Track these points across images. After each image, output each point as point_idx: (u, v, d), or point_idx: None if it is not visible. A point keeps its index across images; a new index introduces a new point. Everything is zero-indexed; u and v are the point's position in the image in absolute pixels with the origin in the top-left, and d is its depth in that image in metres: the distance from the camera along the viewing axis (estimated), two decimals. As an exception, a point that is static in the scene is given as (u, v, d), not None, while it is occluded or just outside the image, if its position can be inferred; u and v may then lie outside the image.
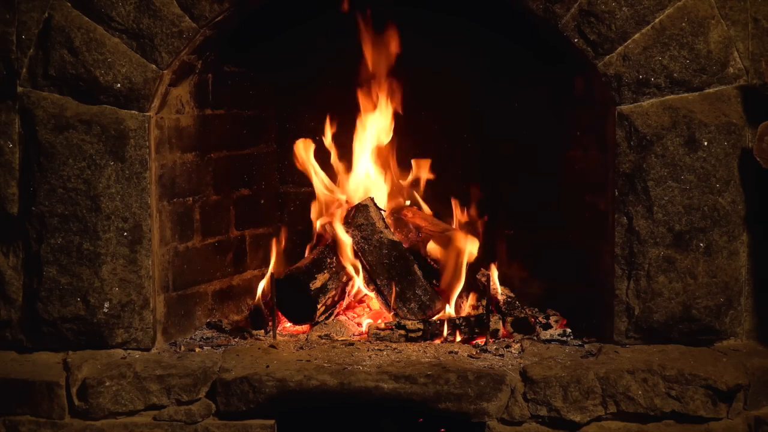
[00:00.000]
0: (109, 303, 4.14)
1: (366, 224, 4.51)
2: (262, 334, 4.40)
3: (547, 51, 4.35)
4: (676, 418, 3.89)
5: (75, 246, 4.12)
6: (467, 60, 4.74)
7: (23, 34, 4.14)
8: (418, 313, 4.43)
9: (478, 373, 3.92)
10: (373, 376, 3.91)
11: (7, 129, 4.17)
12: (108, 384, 3.95)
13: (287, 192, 4.97)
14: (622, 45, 4.07)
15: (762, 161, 4.03)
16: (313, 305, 4.43)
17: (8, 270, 4.20)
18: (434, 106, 4.86)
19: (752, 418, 3.91)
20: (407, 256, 4.49)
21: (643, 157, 4.08)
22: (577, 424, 3.90)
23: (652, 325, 4.11)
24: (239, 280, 4.74)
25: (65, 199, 4.12)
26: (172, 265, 4.33)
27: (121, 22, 4.10)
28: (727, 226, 4.10)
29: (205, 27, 4.13)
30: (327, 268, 4.49)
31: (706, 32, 4.06)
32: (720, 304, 4.11)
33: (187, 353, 4.18)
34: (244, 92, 4.73)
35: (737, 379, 3.90)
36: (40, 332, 4.16)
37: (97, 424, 3.95)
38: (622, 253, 4.11)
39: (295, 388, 3.91)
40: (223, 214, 4.65)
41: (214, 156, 4.58)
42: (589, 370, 3.93)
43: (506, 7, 4.19)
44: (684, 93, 4.09)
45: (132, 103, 4.13)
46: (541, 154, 4.58)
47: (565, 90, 4.44)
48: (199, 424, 3.95)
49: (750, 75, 4.11)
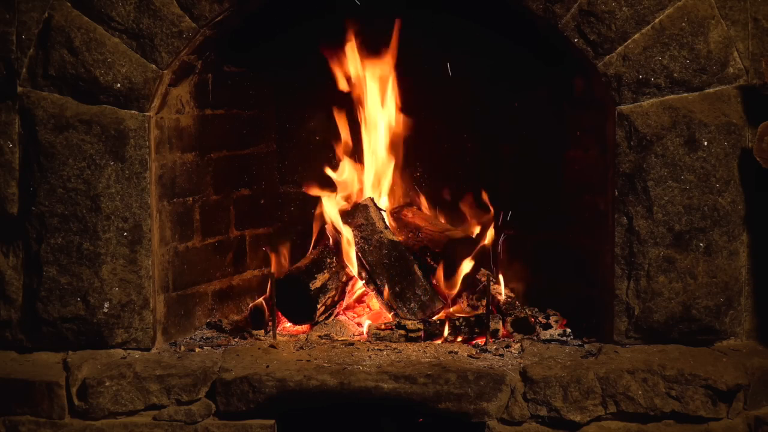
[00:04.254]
0: (109, 303, 4.14)
1: (366, 224, 4.51)
2: (262, 334, 4.40)
3: (547, 51, 4.35)
4: (676, 418, 3.89)
5: (75, 246, 4.13)
6: (467, 60, 4.73)
7: (23, 34, 4.14)
8: (418, 313, 4.43)
9: (478, 373, 3.92)
10: (373, 376, 3.91)
11: (7, 129, 4.17)
12: (108, 384, 3.95)
13: (287, 192, 4.97)
14: (622, 45, 4.07)
15: (762, 161, 4.03)
16: (313, 305, 4.43)
17: (8, 270, 4.20)
18: (434, 107, 4.85)
19: (752, 418, 3.91)
20: (407, 256, 4.49)
21: (643, 157, 4.08)
22: (577, 424, 3.90)
23: (652, 325, 4.11)
24: (239, 280, 4.74)
25: (65, 199, 4.12)
26: (172, 265, 4.33)
27: (121, 22, 4.10)
28: (727, 226, 4.10)
29: (205, 27, 4.13)
30: (327, 268, 4.49)
31: (706, 32, 4.06)
32: (720, 304, 4.11)
33: (187, 353, 4.18)
34: (244, 92, 4.73)
35: (737, 379, 3.90)
36: (40, 332, 4.16)
37: (97, 424, 3.95)
38: (622, 253, 4.11)
39: (295, 388, 3.91)
40: (223, 214, 4.65)
41: (214, 156, 4.58)
42: (589, 370, 3.93)
43: (506, 8, 4.19)
44: (684, 93, 4.09)
45: (132, 103, 4.13)
46: (541, 154, 4.58)
47: (565, 90, 4.44)
48: (199, 424, 3.95)
49: (750, 75, 4.11)
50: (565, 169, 4.49)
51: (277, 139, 4.94)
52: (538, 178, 4.60)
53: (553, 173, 4.53)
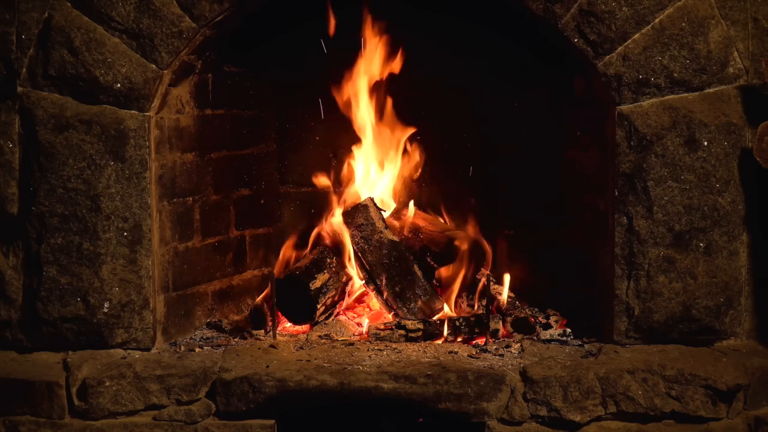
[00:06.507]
0: (109, 303, 4.14)
1: (366, 224, 4.51)
2: (262, 334, 4.40)
3: (547, 51, 4.35)
4: (676, 418, 3.89)
5: (75, 246, 4.13)
6: (467, 60, 4.73)
7: (23, 34, 4.14)
8: (418, 313, 4.43)
9: (478, 373, 3.92)
10: (373, 376, 3.91)
11: (7, 129, 4.17)
12: (108, 384, 3.95)
13: (287, 192, 4.97)
14: (622, 45, 4.07)
15: (762, 161, 4.03)
16: (313, 305, 4.43)
17: (8, 270, 4.20)
18: (434, 107, 4.85)
19: (752, 418, 3.91)
20: (407, 256, 4.49)
21: (643, 157, 4.08)
22: (577, 424, 3.90)
23: (652, 325, 4.11)
24: (239, 280, 4.74)
25: (65, 199, 4.12)
26: (172, 265, 4.34)
27: (121, 22, 4.10)
28: (727, 226, 4.10)
29: (205, 27, 4.13)
30: (327, 268, 4.49)
31: (706, 32, 4.06)
32: (720, 304, 4.11)
33: (187, 353, 4.18)
34: (244, 92, 4.73)
35: (737, 379, 3.90)
36: (40, 332, 4.16)
37: (97, 424, 3.95)
38: (622, 253, 4.11)
39: (295, 388, 3.91)
40: (223, 214, 4.65)
41: (214, 156, 4.58)
42: (589, 370, 3.93)
43: (506, 8, 4.19)
44: (684, 93, 4.09)
45: (132, 103, 4.13)
46: (541, 154, 4.58)
47: (565, 90, 4.44)
48: (199, 424, 3.95)
49: (750, 75, 4.11)
50: (565, 169, 4.49)
51: (277, 139, 4.94)
52: (538, 178, 4.60)
53: (553, 173, 4.53)
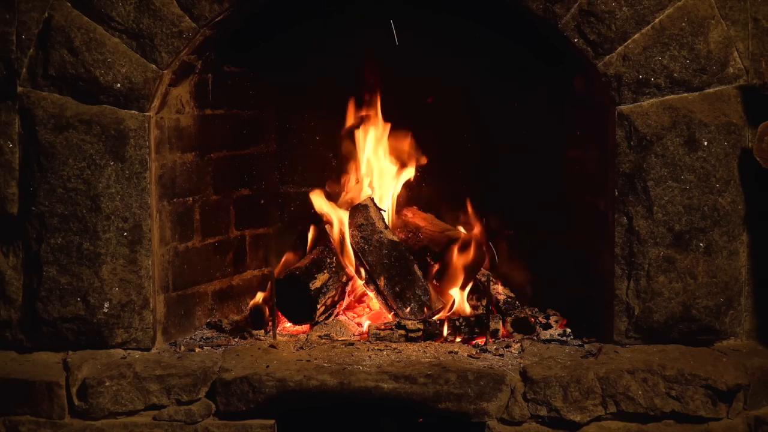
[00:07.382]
0: (109, 303, 4.14)
1: (366, 224, 4.52)
2: (262, 334, 4.40)
3: (547, 51, 4.35)
4: (676, 418, 3.89)
5: (75, 246, 4.13)
6: (467, 60, 4.73)
7: (23, 34, 4.14)
8: (418, 313, 4.43)
9: (478, 373, 3.92)
10: (373, 376, 3.91)
11: (7, 129, 4.17)
12: (108, 384, 3.95)
13: (287, 192, 4.97)
14: (622, 45, 4.07)
15: (762, 161, 4.03)
16: (313, 305, 4.43)
17: (8, 270, 4.20)
18: (434, 107, 4.85)
19: (752, 418, 3.91)
20: (407, 256, 4.49)
21: (643, 157, 4.08)
22: (577, 424, 3.90)
23: (652, 325, 4.11)
24: (239, 280, 4.74)
25: (65, 199, 4.12)
26: (172, 265, 4.34)
27: (121, 22, 4.10)
28: (727, 226, 4.10)
29: (205, 27, 4.13)
30: (327, 268, 4.49)
31: (706, 32, 4.06)
32: (720, 304, 4.11)
33: (187, 353, 4.18)
34: (243, 92, 4.73)
35: (737, 379, 3.90)
36: (40, 332, 4.16)
37: (97, 424, 3.95)
38: (622, 253, 4.11)
39: (295, 388, 3.91)
40: (223, 214, 4.65)
41: (214, 156, 4.58)
42: (589, 370, 3.93)
43: (506, 8, 4.19)
44: (684, 93, 4.09)
45: (132, 103, 4.13)
46: (541, 154, 4.58)
47: (565, 90, 4.44)
48: (199, 424, 3.95)
49: (750, 75, 4.11)
50: (565, 169, 4.49)
51: (277, 139, 4.94)
52: (538, 178, 4.60)
53: (553, 173, 4.53)
